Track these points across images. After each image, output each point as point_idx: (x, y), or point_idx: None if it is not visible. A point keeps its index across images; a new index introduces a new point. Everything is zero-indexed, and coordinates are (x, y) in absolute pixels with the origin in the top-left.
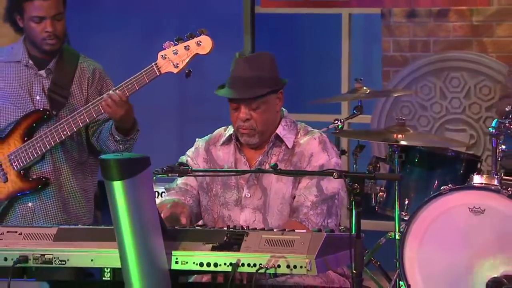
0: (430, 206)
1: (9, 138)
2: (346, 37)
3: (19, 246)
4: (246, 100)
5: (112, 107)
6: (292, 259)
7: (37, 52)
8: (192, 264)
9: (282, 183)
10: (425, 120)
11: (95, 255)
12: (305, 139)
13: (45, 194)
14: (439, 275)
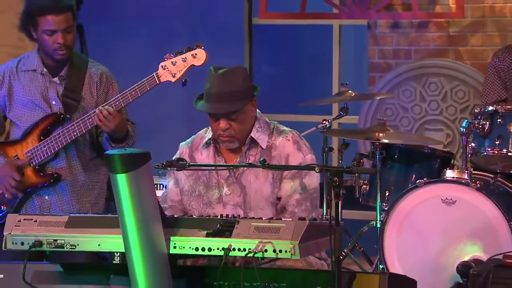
0: (407, 198)
1: (27, 138)
2: (336, 46)
3: (34, 232)
4: (225, 114)
5: (103, 121)
6: (278, 244)
7: (50, 61)
8: (189, 248)
9: (260, 183)
10: (406, 121)
11: (101, 241)
12: (279, 141)
13: (60, 188)
14: (414, 260)
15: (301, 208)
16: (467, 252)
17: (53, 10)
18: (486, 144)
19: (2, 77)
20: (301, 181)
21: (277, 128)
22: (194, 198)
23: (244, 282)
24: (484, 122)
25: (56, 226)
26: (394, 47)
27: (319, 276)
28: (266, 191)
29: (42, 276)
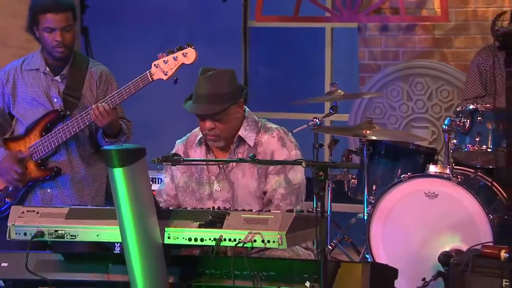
0: (392, 192)
1: (30, 134)
2: (328, 47)
3: (36, 223)
4: (210, 115)
5: (98, 117)
6: (266, 235)
7: (52, 60)
8: (182, 239)
9: (247, 179)
10: (394, 119)
11: (100, 231)
12: (265, 138)
13: (62, 181)
14: (399, 250)
15: (286, 202)
16: (448, 243)
17: (53, 9)
18: (467, 140)
19: (7, 76)
20: (285, 176)
21: (264, 126)
22: (188, 194)
23: (234, 271)
24: (465, 120)
25: (57, 217)
26: (383, 49)
27: (306, 265)
28: (252, 186)
29: (44, 264)
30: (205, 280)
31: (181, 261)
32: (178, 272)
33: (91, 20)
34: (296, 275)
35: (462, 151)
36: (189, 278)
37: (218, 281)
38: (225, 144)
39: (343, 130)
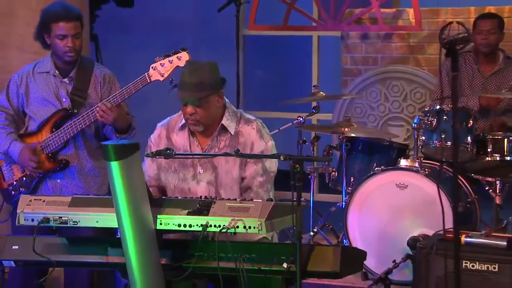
0: (367, 183)
1: (42, 130)
2: (315, 53)
3: (42, 210)
4: (191, 100)
5: (102, 115)
6: (248, 222)
7: (61, 64)
8: (172, 225)
9: (230, 165)
10: (372, 118)
11: (99, 218)
12: (246, 129)
13: (70, 172)
14: (373, 235)
15: (263, 189)
16: (416, 229)
17: (65, 18)
18: (434, 137)
19: (20, 79)
20: (263, 165)
21: (243, 116)
22: (170, 174)
23: (219, 254)
24: (432, 119)
25: (61, 205)
26: (363, 55)
27: (283, 248)
28: (235, 172)
29: (49, 247)
30: (194, 262)
31: (172, 245)
32: (169, 255)
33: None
34: (275, 257)
35: (429, 147)
36: (180, 260)
37: (205, 262)
38: (204, 129)
39: (324, 127)
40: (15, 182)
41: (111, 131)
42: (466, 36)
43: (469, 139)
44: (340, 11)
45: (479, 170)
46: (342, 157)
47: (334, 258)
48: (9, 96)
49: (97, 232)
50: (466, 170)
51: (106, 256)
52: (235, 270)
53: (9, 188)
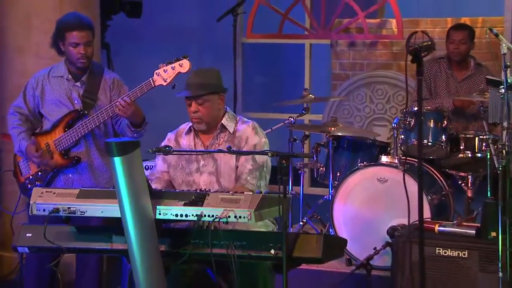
0: (351, 177)
1: (55, 129)
2: (307, 60)
3: (53, 201)
4: (194, 98)
5: (121, 109)
6: (238, 212)
7: (73, 69)
8: (170, 215)
9: (228, 157)
10: (359, 118)
11: (104, 208)
12: (243, 127)
13: (81, 168)
14: (356, 224)
15: (252, 176)
16: (395, 219)
17: (78, 27)
18: (411, 136)
19: (36, 82)
20: (253, 156)
21: (241, 119)
22: (179, 170)
23: (212, 241)
24: (410, 119)
25: (70, 197)
26: (351, 61)
27: (271, 236)
28: (232, 162)
29: (60, 235)
30: (189, 248)
31: (170, 233)
32: (167, 242)
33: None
34: (264, 244)
35: (408, 145)
36: (177, 246)
37: (200, 249)
38: (206, 128)
39: (312, 127)
40: (31, 177)
41: (124, 127)
42: (429, 44)
43: (444, 138)
44: (329, 21)
45: (453, 165)
46: (329, 154)
47: (317, 245)
48: (25, 98)
49: (105, 222)
50: (441, 166)
51: (111, 243)
52: (226, 256)
53: (26, 181)
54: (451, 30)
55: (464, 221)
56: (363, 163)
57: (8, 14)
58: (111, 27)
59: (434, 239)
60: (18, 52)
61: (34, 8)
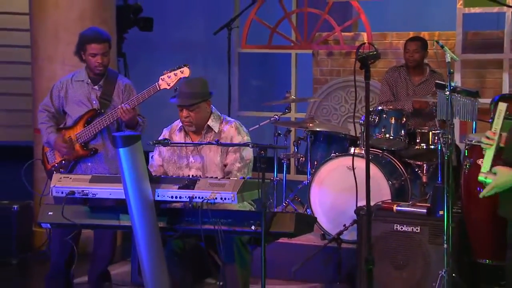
0: (325, 166)
1: (76, 125)
2: (293, 67)
3: (69, 185)
4: (185, 106)
5: (121, 114)
6: (224, 194)
7: (92, 75)
8: (167, 197)
9: (212, 154)
10: (336, 116)
11: (112, 191)
12: (227, 128)
13: (97, 158)
14: (329, 205)
15: (241, 172)
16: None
17: (96, 40)
18: (376, 131)
19: (61, 85)
20: (240, 154)
21: (225, 119)
22: (171, 164)
23: (202, 219)
24: (375, 117)
25: (83, 181)
26: (329, 68)
27: (252, 215)
28: (216, 160)
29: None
30: (183, 224)
31: (167, 212)
32: (165, 219)
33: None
34: (245, 221)
35: (373, 138)
36: (173, 223)
37: (192, 225)
38: (196, 129)
39: (293, 123)
40: (56, 164)
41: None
42: (375, 54)
43: (403, 132)
44: (311, 34)
45: (411, 156)
46: (308, 146)
47: (290, 222)
48: (52, 98)
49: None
50: (401, 156)
51: (118, 220)
52: (214, 231)
53: (52, 169)
54: (407, 42)
55: (418, 202)
56: (335, 153)
57: (39, 29)
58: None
59: (393, 217)
60: (47, 60)
61: (60, 24)
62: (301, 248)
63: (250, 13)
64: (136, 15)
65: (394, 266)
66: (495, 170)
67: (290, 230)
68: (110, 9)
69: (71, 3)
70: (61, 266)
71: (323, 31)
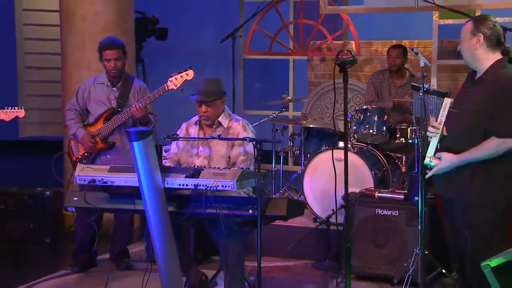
0: (317, 157)
1: (97, 122)
2: (291, 71)
3: (90, 174)
4: (204, 102)
5: (135, 112)
6: (225, 182)
7: (111, 78)
8: (175, 184)
9: (219, 147)
10: (328, 114)
11: (127, 179)
12: (235, 125)
13: (116, 150)
14: (320, 192)
15: (244, 164)
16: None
17: (110, 47)
18: (361, 127)
19: (85, 87)
20: (244, 148)
21: (233, 117)
22: (184, 153)
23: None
24: (360, 115)
25: (103, 171)
26: (322, 72)
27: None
28: (222, 152)
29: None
30: (190, 208)
31: (176, 198)
32: (174, 204)
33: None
34: (244, 206)
35: (359, 134)
36: (181, 207)
37: (198, 209)
38: (211, 123)
39: (289, 120)
40: (80, 156)
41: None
42: (352, 59)
43: (385, 128)
44: (306, 42)
45: (392, 149)
46: (302, 140)
47: (283, 206)
48: (77, 98)
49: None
50: (383, 149)
51: (133, 205)
52: (216, 215)
53: (76, 160)
54: (389, 49)
55: (396, 189)
56: (325, 147)
57: (68, 40)
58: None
59: (375, 202)
60: (75, 66)
61: (86, 34)
62: (295, 229)
63: (253, 24)
64: (153, 26)
65: (375, 245)
66: (440, 155)
67: (282, 213)
68: (130, 21)
69: (96, 17)
70: (85, 244)
71: (317, 40)
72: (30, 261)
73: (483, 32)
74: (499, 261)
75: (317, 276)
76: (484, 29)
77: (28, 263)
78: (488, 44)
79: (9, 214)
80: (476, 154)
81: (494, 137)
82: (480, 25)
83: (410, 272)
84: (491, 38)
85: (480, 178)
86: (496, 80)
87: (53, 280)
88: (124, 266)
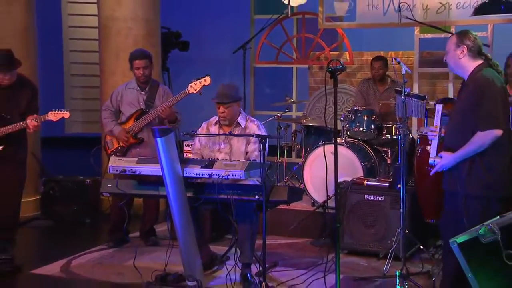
0: (315, 151)
1: (128, 121)
2: (294, 78)
3: (121, 165)
4: (222, 104)
5: (162, 112)
6: (235, 172)
7: (139, 83)
8: (192, 174)
9: (239, 144)
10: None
11: (152, 168)
12: (251, 124)
13: (144, 145)
14: (318, 181)
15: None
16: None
17: (138, 57)
18: (353, 125)
19: (118, 92)
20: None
21: (249, 118)
22: (206, 148)
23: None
24: (352, 115)
25: (132, 162)
26: (321, 78)
27: (256, 187)
28: (241, 148)
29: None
30: (205, 194)
31: (193, 185)
32: (192, 190)
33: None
34: (251, 192)
35: (351, 131)
36: (197, 193)
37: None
38: (228, 123)
39: (291, 120)
40: (114, 150)
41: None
42: (341, 68)
43: (373, 126)
44: (307, 53)
45: (379, 144)
46: (302, 137)
47: (284, 192)
48: (111, 101)
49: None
50: (372, 144)
51: (158, 191)
52: (227, 200)
53: (111, 153)
54: (372, 61)
55: (382, 178)
56: (322, 142)
57: (104, 51)
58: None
59: (364, 189)
60: (110, 74)
61: (120, 46)
62: (296, 212)
63: (262, 37)
64: (177, 39)
65: (365, 225)
66: (441, 154)
67: (284, 198)
68: (157, 35)
69: (128, 32)
70: (118, 224)
71: (316, 51)
72: (74, 237)
73: (466, 44)
74: (464, 238)
75: (315, 252)
76: (467, 41)
77: (72, 239)
78: (470, 54)
79: (56, 198)
80: (468, 150)
81: (479, 131)
82: (463, 38)
83: (393, 248)
84: (473, 49)
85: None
86: (474, 81)
87: (93, 253)
88: (151, 243)
